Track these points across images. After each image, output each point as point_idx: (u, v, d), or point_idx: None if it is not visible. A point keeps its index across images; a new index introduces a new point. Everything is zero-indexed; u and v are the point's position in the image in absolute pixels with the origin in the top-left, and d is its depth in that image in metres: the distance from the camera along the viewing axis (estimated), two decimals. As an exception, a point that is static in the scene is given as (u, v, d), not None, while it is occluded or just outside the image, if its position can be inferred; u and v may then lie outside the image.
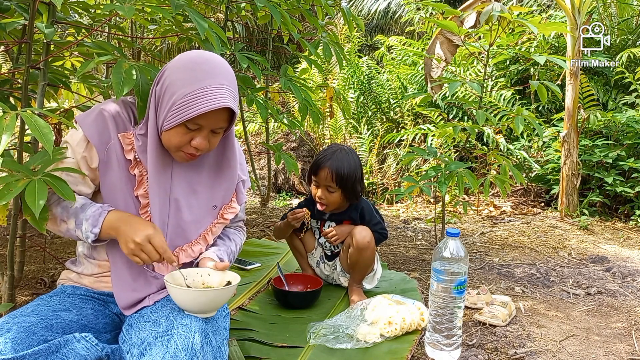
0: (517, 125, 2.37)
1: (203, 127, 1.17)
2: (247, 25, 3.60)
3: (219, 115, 1.16)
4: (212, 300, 1.14)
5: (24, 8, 1.73)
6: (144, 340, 1.08)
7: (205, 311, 1.14)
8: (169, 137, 1.18)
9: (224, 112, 1.17)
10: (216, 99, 1.12)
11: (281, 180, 5.31)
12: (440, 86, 3.58)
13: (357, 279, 2.09)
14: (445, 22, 2.52)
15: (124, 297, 1.23)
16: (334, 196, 2.01)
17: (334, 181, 1.97)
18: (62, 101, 3.67)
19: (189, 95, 1.12)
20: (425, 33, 6.24)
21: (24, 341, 1.00)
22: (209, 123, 1.17)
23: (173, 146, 1.20)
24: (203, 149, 1.20)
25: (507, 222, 3.77)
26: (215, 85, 1.13)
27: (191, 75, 1.14)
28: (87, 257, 1.30)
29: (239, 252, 1.46)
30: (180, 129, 1.16)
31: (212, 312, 1.16)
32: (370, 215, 2.10)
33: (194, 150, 1.20)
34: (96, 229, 1.15)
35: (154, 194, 1.22)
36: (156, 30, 2.96)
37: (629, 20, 5.07)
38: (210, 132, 1.20)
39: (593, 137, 4.19)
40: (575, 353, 1.69)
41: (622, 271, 2.55)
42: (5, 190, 1.08)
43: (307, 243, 2.23)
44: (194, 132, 1.17)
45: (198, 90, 1.12)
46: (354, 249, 2.00)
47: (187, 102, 1.12)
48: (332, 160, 1.98)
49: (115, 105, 1.26)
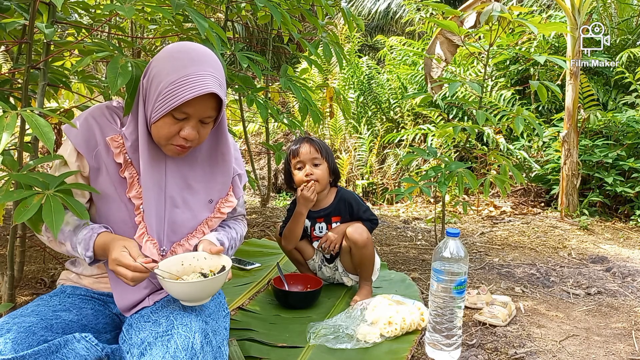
0: (517, 125, 2.37)
1: (191, 116, 1.16)
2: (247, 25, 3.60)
3: (205, 102, 1.16)
4: (204, 290, 1.14)
5: (24, 8, 1.73)
6: (144, 340, 1.08)
7: (199, 299, 1.15)
8: (157, 129, 1.18)
9: (211, 99, 1.16)
10: (200, 85, 1.12)
11: (281, 180, 5.31)
12: (440, 86, 3.58)
13: (366, 276, 2.08)
14: (445, 22, 2.52)
15: (123, 299, 1.23)
16: (322, 169, 2.06)
17: (318, 152, 2.05)
18: (62, 101, 3.67)
19: (173, 83, 1.12)
20: (425, 33, 6.24)
21: (24, 341, 1.00)
22: (195, 111, 1.16)
23: (162, 138, 1.19)
24: (192, 139, 1.19)
25: (507, 222, 3.77)
26: (199, 72, 1.13)
27: (176, 64, 1.14)
28: None
29: (240, 241, 1.45)
30: (168, 119, 1.16)
31: (206, 300, 1.17)
32: (357, 204, 2.12)
33: (184, 141, 1.18)
34: (89, 252, 1.16)
35: (147, 190, 1.21)
36: (156, 30, 2.96)
37: (629, 20, 5.07)
38: (199, 123, 1.19)
39: (593, 137, 4.19)
40: (575, 353, 1.69)
41: (622, 271, 2.55)
42: (22, 207, 1.08)
43: (304, 251, 2.20)
44: (182, 123, 1.17)
45: (182, 78, 1.12)
46: (355, 248, 2.00)
47: (173, 90, 1.12)
48: (308, 138, 2.09)
49: (99, 110, 1.25)
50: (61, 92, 2.34)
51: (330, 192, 2.15)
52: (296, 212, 2.06)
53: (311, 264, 2.22)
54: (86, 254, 1.16)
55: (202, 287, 1.13)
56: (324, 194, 2.12)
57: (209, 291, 1.15)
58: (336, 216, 2.12)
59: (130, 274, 1.10)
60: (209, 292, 1.15)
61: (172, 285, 1.12)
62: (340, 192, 2.14)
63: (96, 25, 2.18)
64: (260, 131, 6.15)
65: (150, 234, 1.22)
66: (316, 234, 2.14)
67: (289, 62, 8.09)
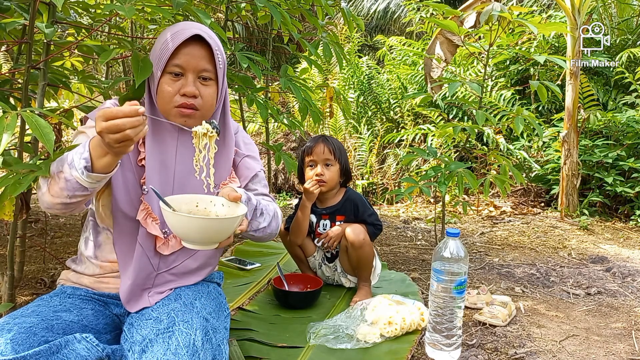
0: (517, 125, 2.37)
1: (185, 69, 1.20)
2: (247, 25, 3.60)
3: (195, 51, 1.20)
4: (206, 230, 1.04)
5: (24, 8, 1.73)
6: (145, 337, 1.08)
7: (200, 241, 1.06)
8: (161, 95, 1.21)
9: (201, 49, 1.20)
10: (187, 33, 1.18)
11: (281, 180, 5.32)
12: (440, 86, 3.58)
13: (364, 277, 2.09)
14: (445, 22, 2.52)
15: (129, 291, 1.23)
16: (332, 171, 2.08)
17: (331, 153, 2.07)
18: (62, 101, 3.67)
19: (165, 41, 1.20)
20: (425, 33, 6.24)
21: (24, 342, 1.00)
22: (187, 62, 1.19)
23: (166, 102, 1.21)
24: (192, 94, 1.20)
25: (507, 222, 3.77)
26: (187, 28, 1.20)
27: (169, 30, 1.23)
28: (89, 258, 1.30)
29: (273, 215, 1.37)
30: (165, 78, 1.20)
31: (208, 246, 1.08)
32: (363, 206, 2.14)
33: (185, 99, 1.20)
34: (85, 153, 1.04)
35: (151, 170, 1.22)
36: (156, 30, 2.95)
37: (629, 20, 5.07)
38: (198, 80, 1.21)
39: (593, 137, 4.19)
40: (575, 353, 1.69)
41: (622, 271, 2.55)
42: (17, 184, 1.08)
43: (306, 248, 2.21)
44: (180, 81, 1.20)
45: (173, 35, 1.20)
46: (352, 249, 2.01)
47: (164, 47, 1.19)
48: (324, 138, 2.12)
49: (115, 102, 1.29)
50: (61, 92, 2.34)
51: (339, 192, 2.18)
52: (301, 203, 2.09)
53: (312, 261, 2.23)
54: (83, 155, 1.04)
55: (204, 226, 1.03)
56: (332, 193, 2.16)
57: (211, 234, 1.06)
58: (341, 215, 2.14)
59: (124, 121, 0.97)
60: (210, 234, 1.06)
61: (171, 216, 1.04)
62: (348, 193, 2.17)
63: (96, 25, 2.17)
64: (260, 131, 6.15)
65: (156, 214, 1.23)
66: (320, 230, 2.16)
67: (289, 62, 8.09)
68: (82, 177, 1.04)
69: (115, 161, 1.06)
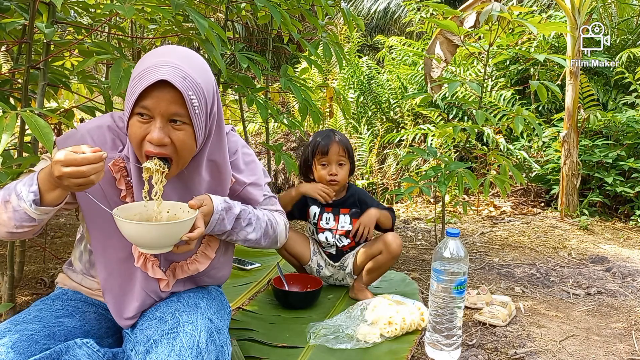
0: (517, 125, 2.37)
1: (153, 112, 1.05)
2: (247, 25, 3.60)
3: (164, 95, 1.04)
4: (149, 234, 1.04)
5: (24, 8, 1.73)
6: (149, 337, 1.08)
7: (150, 245, 1.06)
8: (130, 135, 1.08)
9: (170, 92, 1.04)
10: (154, 76, 1.03)
11: (281, 180, 5.31)
12: (440, 86, 3.58)
13: (370, 282, 2.08)
14: (445, 22, 2.52)
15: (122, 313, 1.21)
16: (345, 169, 2.11)
17: (345, 152, 2.09)
18: (62, 101, 3.68)
19: (134, 79, 1.06)
20: (425, 33, 6.24)
21: (26, 350, 1.00)
22: (155, 105, 1.04)
23: (135, 144, 1.09)
24: (158, 142, 1.05)
25: (507, 222, 3.77)
26: (158, 64, 1.04)
27: (142, 61, 1.08)
28: (84, 274, 1.28)
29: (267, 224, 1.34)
30: (133, 120, 1.07)
31: (160, 249, 1.08)
32: (370, 199, 2.17)
33: (151, 146, 1.06)
34: (34, 186, 1.00)
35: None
36: (156, 30, 2.95)
37: (629, 20, 5.07)
38: (168, 124, 1.07)
39: (593, 137, 4.19)
40: (575, 353, 1.69)
41: (622, 271, 2.55)
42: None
43: (302, 257, 2.16)
44: (150, 123, 1.06)
45: (142, 72, 1.05)
46: (387, 254, 1.99)
47: (132, 86, 1.06)
48: (336, 136, 2.11)
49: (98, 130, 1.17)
50: (61, 92, 2.34)
51: (343, 187, 2.20)
52: (297, 188, 2.10)
53: (308, 269, 2.20)
54: (31, 188, 1.00)
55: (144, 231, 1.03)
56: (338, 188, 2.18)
57: (158, 237, 1.05)
58: (345, 208, 2.15)
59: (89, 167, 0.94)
60: (157, 238, 1.05)
61: (119, 222, 1.03)
62: (352, 188, 2.19)
63: (96, 25, 2.18)
64: (260, 131, 6.15)
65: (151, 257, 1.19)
66: (322, 224, 2.14)
67: (289, 62, 8.09)
68: (30, 209, 1.01)
69: (65, 194, 1.03)
